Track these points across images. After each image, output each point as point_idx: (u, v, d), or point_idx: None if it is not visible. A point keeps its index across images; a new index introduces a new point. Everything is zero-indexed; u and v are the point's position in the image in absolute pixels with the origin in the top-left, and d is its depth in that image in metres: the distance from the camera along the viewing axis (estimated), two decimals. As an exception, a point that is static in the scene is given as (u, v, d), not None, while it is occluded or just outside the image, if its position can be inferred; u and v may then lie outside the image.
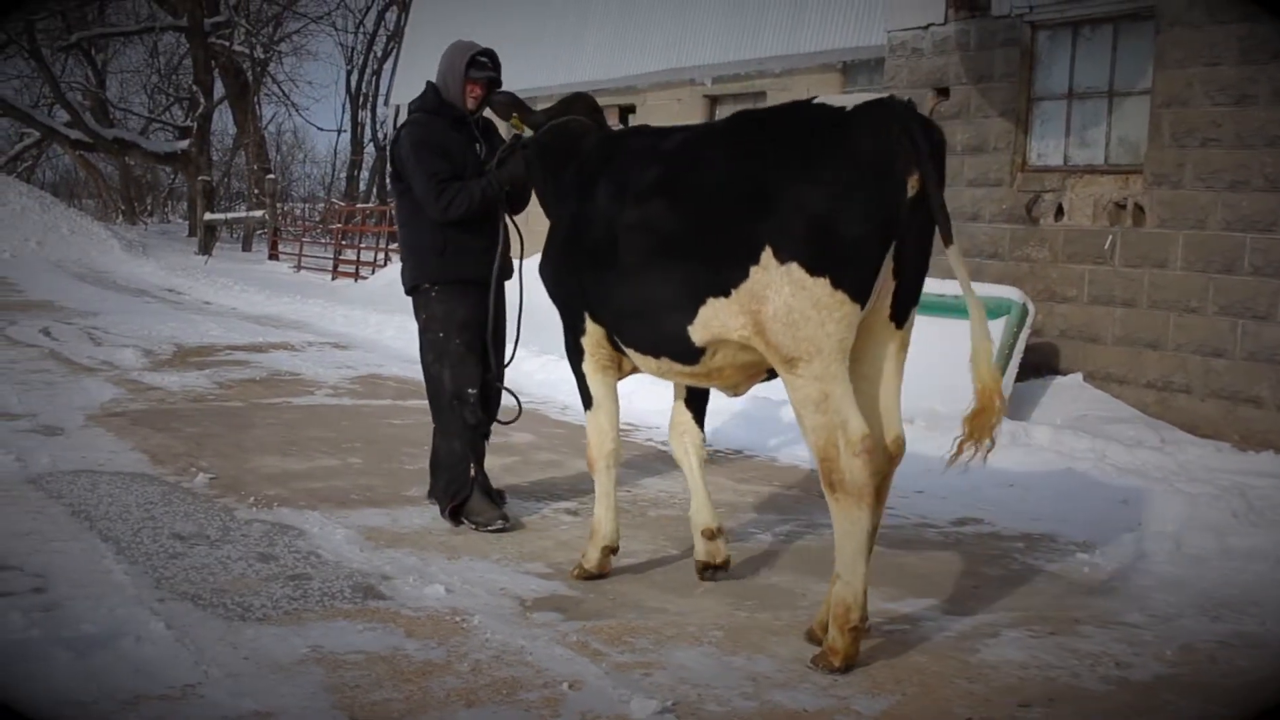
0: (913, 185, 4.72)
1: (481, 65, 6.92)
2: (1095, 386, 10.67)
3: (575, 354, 5.98)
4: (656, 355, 5.49)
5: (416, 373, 7.69)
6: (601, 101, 6.63)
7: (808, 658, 4.90)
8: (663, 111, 19.48)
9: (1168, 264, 10.18)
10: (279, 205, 31.43)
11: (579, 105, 6.31)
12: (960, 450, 4.86)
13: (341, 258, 26.31)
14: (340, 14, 47.56)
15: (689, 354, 5.29)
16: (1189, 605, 5.77)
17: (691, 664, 4.81)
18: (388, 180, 7.76)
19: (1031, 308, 10.42)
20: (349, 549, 6.24)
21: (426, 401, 7.18)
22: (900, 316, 4.98)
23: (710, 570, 5.99)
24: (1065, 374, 10.98)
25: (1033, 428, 9.00)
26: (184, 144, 37.18)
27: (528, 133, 6.49)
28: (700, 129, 5.65)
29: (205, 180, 33.79)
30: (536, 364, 11.37)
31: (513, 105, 6.54)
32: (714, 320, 5.05)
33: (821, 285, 4.69)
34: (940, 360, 10.34)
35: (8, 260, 25.78)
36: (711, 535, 6.00)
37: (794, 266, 4.73)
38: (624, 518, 6.85)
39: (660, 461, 8.61)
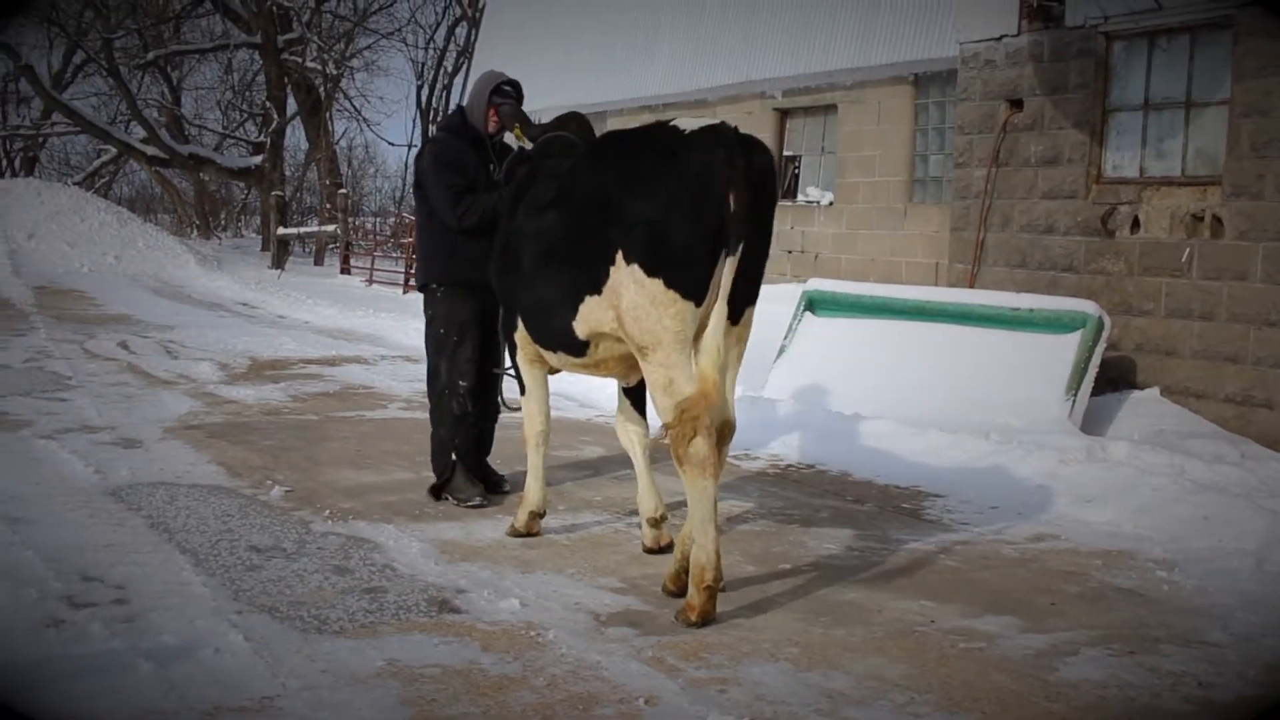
0: (734, 201, 5.29)
1: (504, 93, 7.56)
2: (1173, 401, 10.54)
3: (511, 348, 6.88)
4: (554, 350, 6.33)
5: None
6: (672, 115, 6.73)
7: (884, 675, 4.88)
8: (733, 125, 19.44)
9: (1247, 276, 10.04)
10: (351, 220, 31.59)
11: (572, 124, 6.92)
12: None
13: (413, 272, 26.43)
14: (411, 30, 47.92)
15: (577, 347, 6.09)
16: (1272, 624, 5.66)
17: (767, 680, 4.79)
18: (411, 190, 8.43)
19: (1107, 321, 10.30)
20: (424, 562, 6.27)
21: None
22: (734, 314, 5.51)
23: (654, 553, 6.57)
24: (1142, 388, 10.85)
25: (1109, 443, 8.89)
26: (257, 159, 37.58)
27: (528, 144, 7.04)
28: (590, 144, 6.39)
29: (278, 195, 34.06)
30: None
31: (516, 117, 7.29)
32: (590, 315, 5.83)
33: (656, 285, 5.41)
34: (1012, 375, 10.28)
35: (86, 274, 26.13)
36: (655, 523, 6.63)
37: (636, 268, 5.47)
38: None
39: (733, 476, 8.57)
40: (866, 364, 11.01)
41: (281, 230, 31.77)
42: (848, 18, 17.31)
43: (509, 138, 7.33)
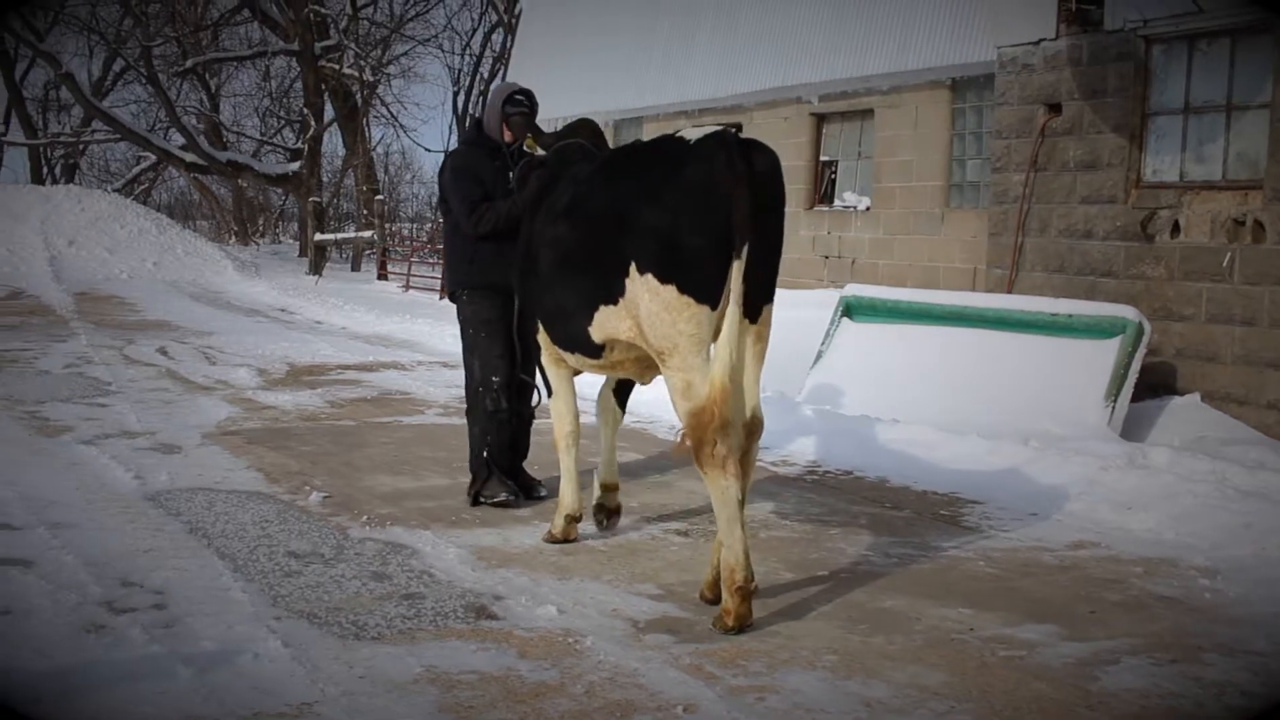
0: (738, 205, 5.42)
1: (517, 103, 7.81)
2: (1214, 407, 10.45)
3: (535, 350, 7.07)
4: (572, 351, 6.50)
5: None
6: (708, 120, 6.84)
7: (924, 683, 4.85)
8: (770, 130, 19.40)
9: (1290, 282, 9.95)
10: (387, 225, 31.69)
11: (584, 130, 7.15)
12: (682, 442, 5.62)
13: (451, 277, 26.39)
14: (447, 36, 48.15)
15: (593, 350, 6.26)
16: (1317, 633, 5.61)
17: (805, 688, 4.77)
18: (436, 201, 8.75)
19: (1147, 326, 10.23)
20: (461, 569, 6.28)
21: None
22: (751, 313, 5.63)
23: (604, 513, 7.06)
24: (1182, 394, 10.77)
25: (1150, 449, 8.81)
26: (295, 166, 37.72)
27: (540, 153, 7.28)
28: (604, 157, 6.56)
29: (315, 201, 34.20)
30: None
31: (527, 128, 7.60)
32: (606, 323, 6.00)
33: (670, 291, 5.54)
34: (1051, 380, 10.22)
35: (126, 280, 26.31)
36: (609, 489, 7.04)
37: (649, 277, 5.61)
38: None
39: (772, 483, 8.57)
40: (904, 369, 10.97)
41: (319, 236, 31.89)
42: (884, 22, 17.26)
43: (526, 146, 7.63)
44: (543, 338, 6.81)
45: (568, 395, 6.99)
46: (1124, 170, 11.52)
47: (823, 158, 18.94)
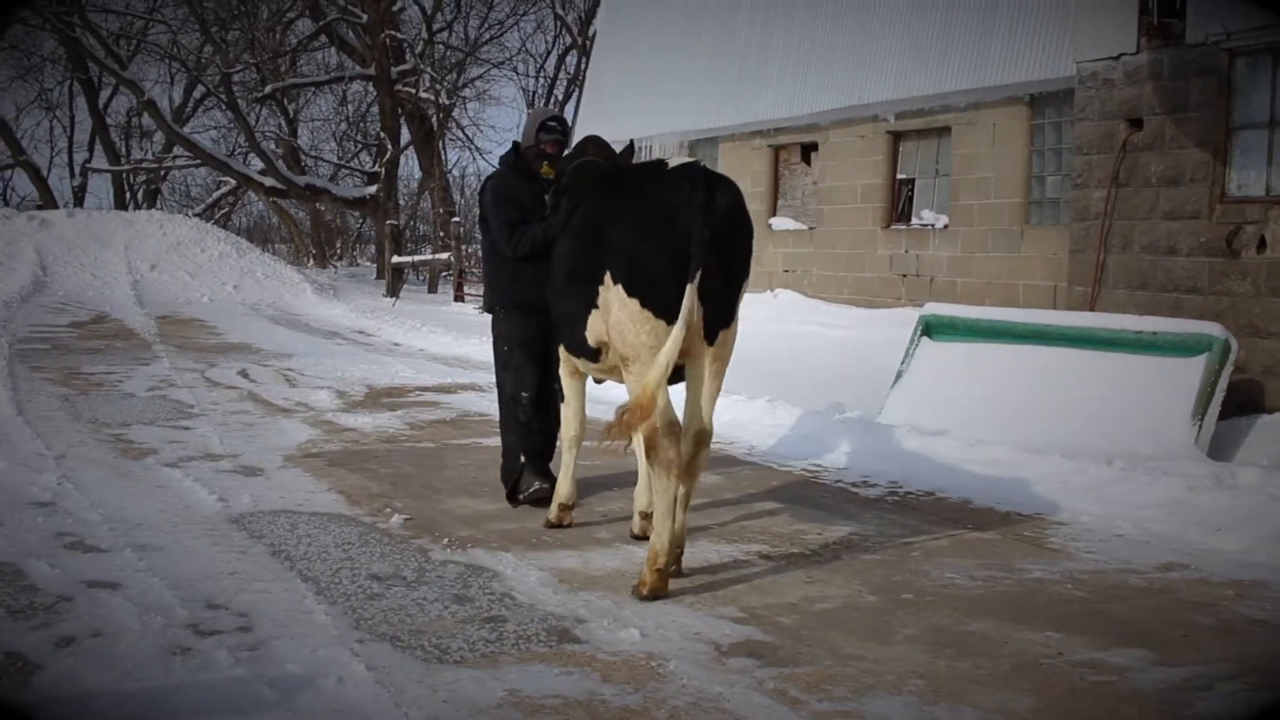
0: (695, 233, 5.95)
1: (551, 129, 8.18)
2: (1304, 425, 10.26)
3: (557, 361, 7.61)
4: (577, 355, 7.06)
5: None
6: (784, 140, 7.00)
7: (1013, 709, 4.77)
8: (845, 149, 19.35)
9: (1381, 297, 9.75)
10: (464, 247, 31.85)
11: (591, 147, 7.48)
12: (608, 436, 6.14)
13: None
14: (521, 59, 48.58)
15: (591, 354, 6.83)
16: None
17: (892, 714, 4.71)
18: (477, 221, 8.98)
19: (1234, 344, 10.05)
20: (543, 591, 6.27)
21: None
22: (708, 334, 6.20)
23: (642, 540, 7.21)
24: (1271, 412, 10.58)
25: (1238, 469, 8.65)
26: (372, 189, 38.07)
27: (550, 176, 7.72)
28: (601, 175, 6.99)
29: (392, 224, 34.41)
30: (722, 404, 11.25)
31: (540, 157, 8.00)
32: (595, 327, 6.59)
33: (634, 304, 6.16)
34: (1136, 399, 10.06)
35: (207, 304, 26.62)
36: (647, 515, 7.18)
37: (619, 288, 6.23)
38: (815, 561, 6.84)
39: (853, 504, 8.50)
40: (985, 389, 10.86)
41: (396, 259, 32.11)
42: (961, 38, 17.15)
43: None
44: (563, 351, 7.35)
45: (577, 404, 7.64)
46: (1207, 185, 11.35)
47: (899, 176, 18.84)
